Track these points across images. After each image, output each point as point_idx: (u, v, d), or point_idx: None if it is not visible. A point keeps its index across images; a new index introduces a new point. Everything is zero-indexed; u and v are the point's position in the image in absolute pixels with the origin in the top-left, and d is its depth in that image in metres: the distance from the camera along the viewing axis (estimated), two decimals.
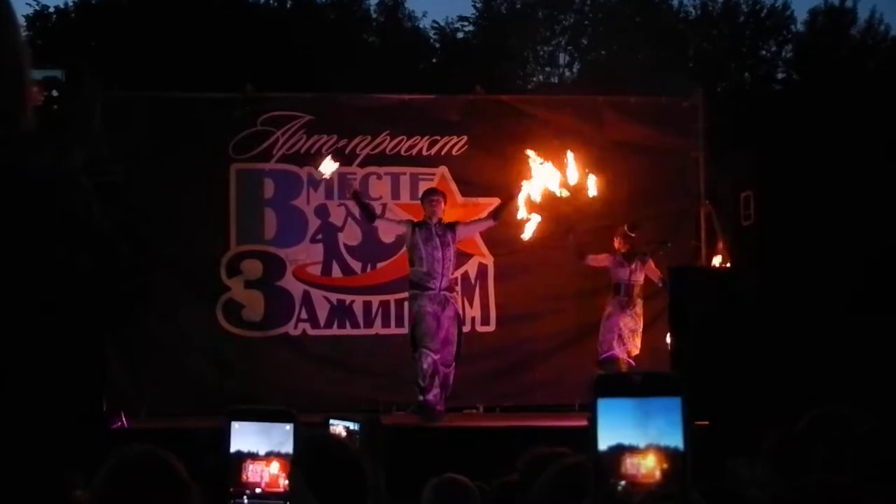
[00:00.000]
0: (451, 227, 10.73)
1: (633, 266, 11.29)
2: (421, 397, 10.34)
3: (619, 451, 1.63)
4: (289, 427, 3.81)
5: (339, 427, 4.65)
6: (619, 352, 11.07)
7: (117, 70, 14.27)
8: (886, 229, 10.05)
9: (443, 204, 10.72)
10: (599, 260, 11.36)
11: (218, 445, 3.83)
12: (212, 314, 11.71)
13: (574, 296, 11.93)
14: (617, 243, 11.33)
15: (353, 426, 4.68)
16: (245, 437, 3.79)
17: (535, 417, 10.89)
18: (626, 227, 11.34)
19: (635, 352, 11.12)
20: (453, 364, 10.60)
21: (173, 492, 2.83)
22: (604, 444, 1.63)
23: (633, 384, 1.63)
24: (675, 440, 1.62)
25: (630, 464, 1.61)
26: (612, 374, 1.68)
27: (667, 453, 1.63)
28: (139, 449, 2.88)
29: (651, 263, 11.37)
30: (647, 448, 1.63)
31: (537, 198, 10.60)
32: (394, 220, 11.19)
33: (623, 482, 1.60)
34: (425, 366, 10.30)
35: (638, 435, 1.62)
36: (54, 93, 2.22)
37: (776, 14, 22.96)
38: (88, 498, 2.74)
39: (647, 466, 1.59)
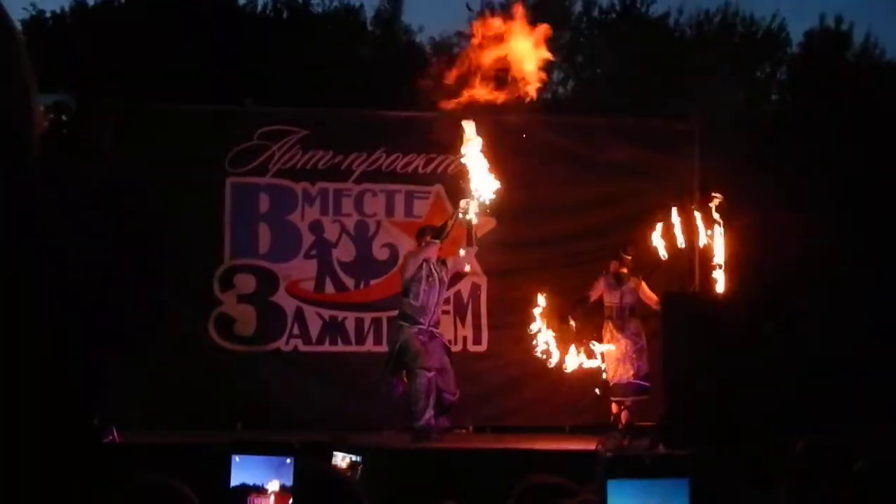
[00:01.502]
0: (444, 263, 10.74)
1: (625, 288, 11.30)
2: (415, 423, 10.28)
3: None
4: (289, 461, 3.82)
5: (341, 459, 4.64)
6: (623, 377, 11.06)
7: (113, 78, 14.22)
8: (886, 256, 10.05)
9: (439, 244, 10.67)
10: (597, 290, 11.35)
11: (220, 472, 3.82)
12: (204, 328, 11.66)
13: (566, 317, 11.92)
14: (612, 265, 11.33)
15: (356, 458, 4.66)
16: (247, 470, 3.79)
17: (527, 440, 10.82)
18: (620, 250, 11.35)
19: (644, 371, 11.11)
20: (457, 392, 10.60)
21: None
22: None
23: (643, 466, 1.64)
24: None
25: None
26: (622, 457, 1.69)
27: None
28: (153, 478, 2.85)
29: (645, 286, 11.34)
30: None
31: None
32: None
33: None
34: (422, 386, 10.24)
35: None
36: (63, 118, 2.19)
37: (771, 35, 23.02)
38: None
39: None
